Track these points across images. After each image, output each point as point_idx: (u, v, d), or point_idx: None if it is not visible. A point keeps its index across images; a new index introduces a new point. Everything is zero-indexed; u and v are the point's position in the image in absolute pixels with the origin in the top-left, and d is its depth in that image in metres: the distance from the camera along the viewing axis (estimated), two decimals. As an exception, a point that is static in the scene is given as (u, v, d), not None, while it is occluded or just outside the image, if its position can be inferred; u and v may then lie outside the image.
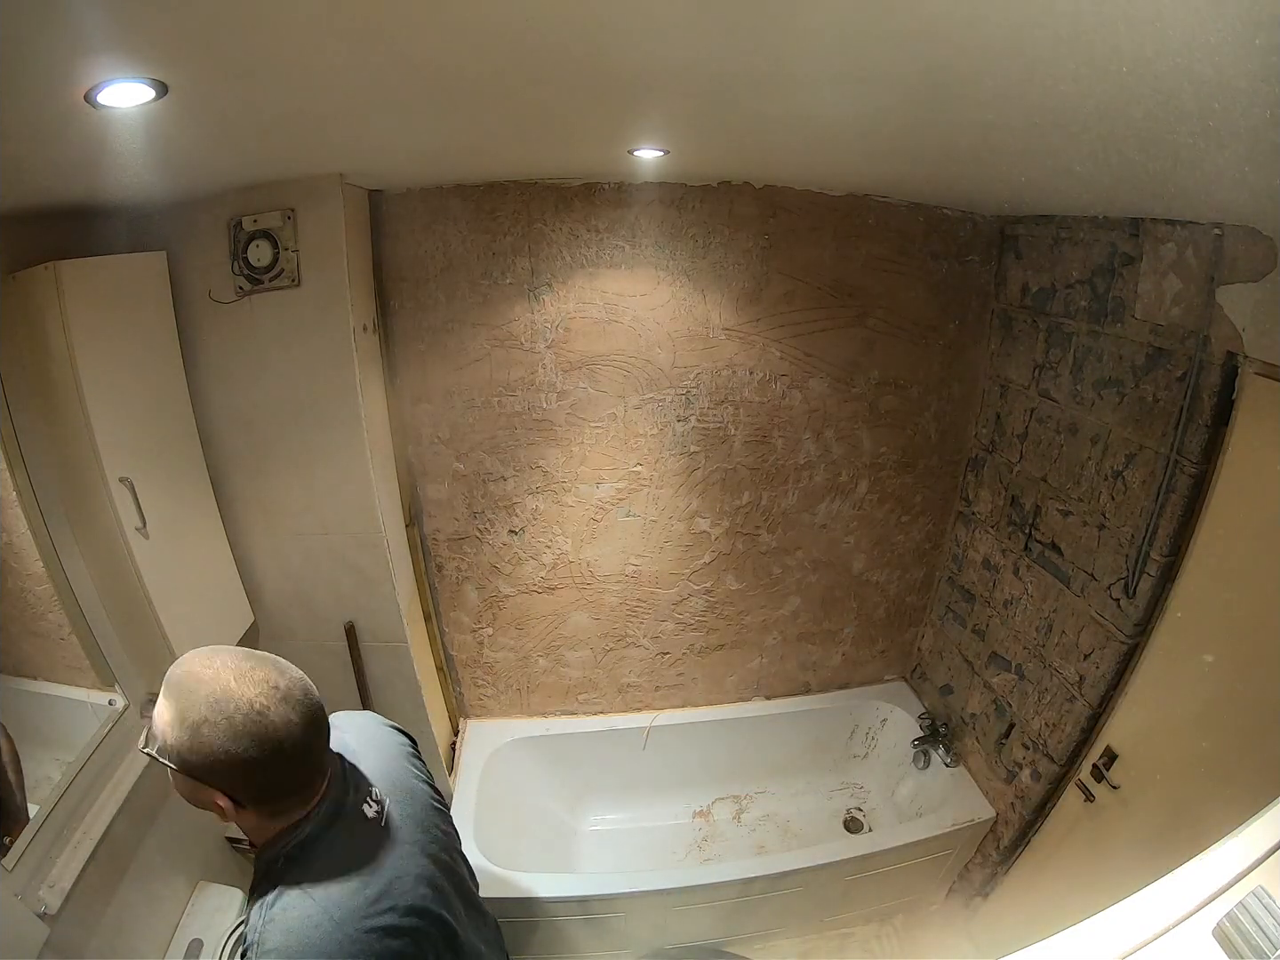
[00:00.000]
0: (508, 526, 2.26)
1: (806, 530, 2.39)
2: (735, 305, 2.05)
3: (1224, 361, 1.38)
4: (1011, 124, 1.09)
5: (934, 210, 2.03)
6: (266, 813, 0.87)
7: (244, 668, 0.82)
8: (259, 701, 0.80)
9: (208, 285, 1.65)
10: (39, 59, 0.73)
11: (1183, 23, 0.65)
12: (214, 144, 1.24)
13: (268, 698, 0.81)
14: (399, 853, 0.94)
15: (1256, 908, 0.56)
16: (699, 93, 1.10)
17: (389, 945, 0.87)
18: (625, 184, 1.89)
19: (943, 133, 1.24)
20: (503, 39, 0.85)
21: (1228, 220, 1.32)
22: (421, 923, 0.92)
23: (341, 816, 0.90)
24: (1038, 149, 1.22)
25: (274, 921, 0.81)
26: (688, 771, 2.65)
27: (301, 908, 0.83)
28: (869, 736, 2.71)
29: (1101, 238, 1.67)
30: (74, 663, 1.53)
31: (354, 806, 0.92)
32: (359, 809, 0.93)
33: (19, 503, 1.36)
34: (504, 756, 2.46)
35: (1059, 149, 1.19)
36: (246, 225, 1.61)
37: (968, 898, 2.32)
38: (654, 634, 2.49)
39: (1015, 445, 2.08)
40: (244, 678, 0.81)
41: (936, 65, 0.89)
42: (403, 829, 0.97)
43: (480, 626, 2.43)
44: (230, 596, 1.88)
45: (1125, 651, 1.66)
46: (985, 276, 2.13)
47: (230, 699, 0.79)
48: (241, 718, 0.78)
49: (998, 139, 1.21)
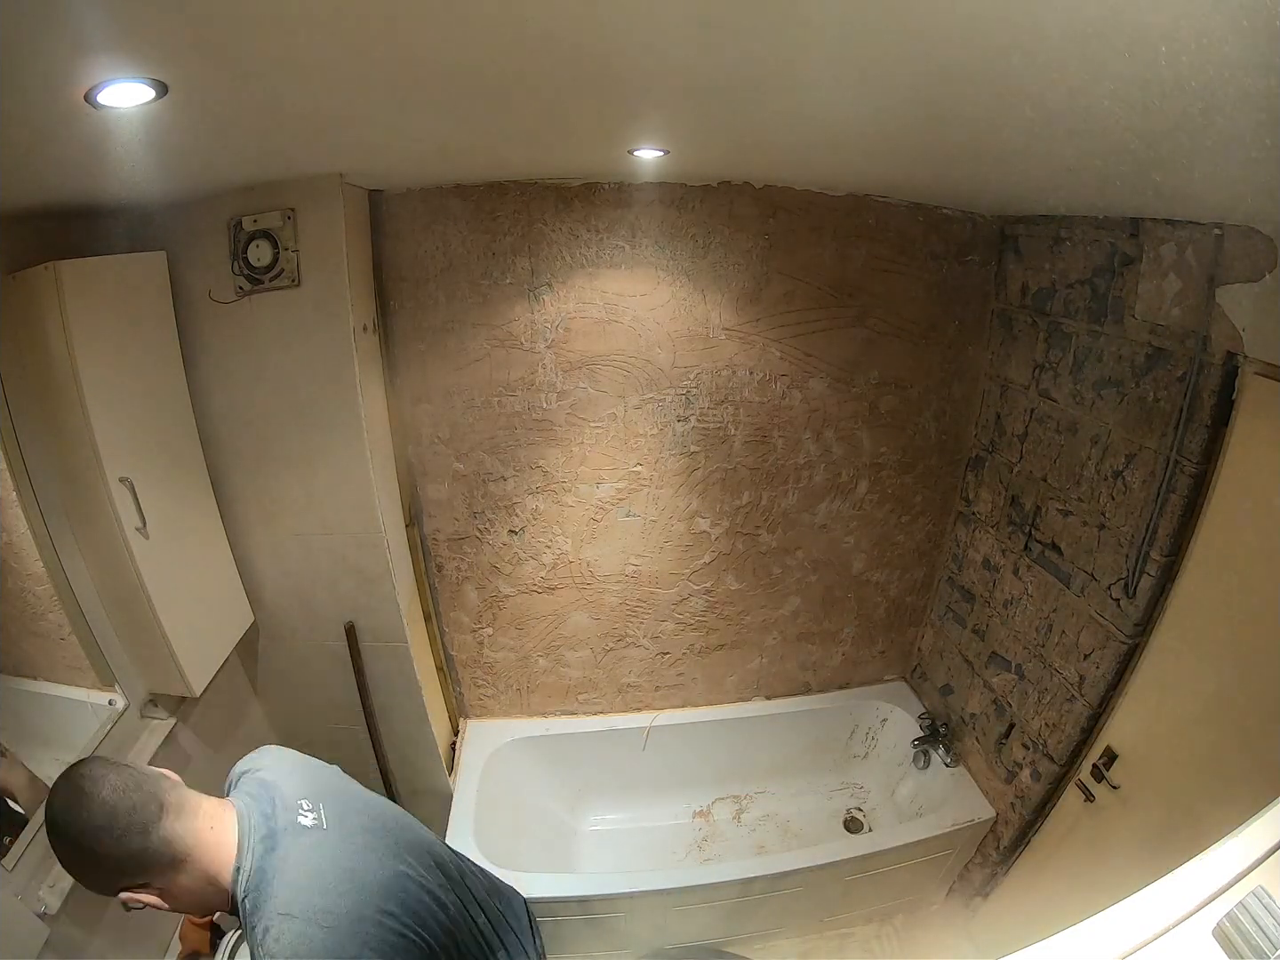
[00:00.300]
0: (508, 526, 2.26)
1: (806, 530, 2.39)
2: (735, 305, 2.05)
3: (1224, 361, 1.38)
4: (1011, 124, 1.09)
5: (934, 210, 2.03)
6: (183, 884, 0.88)
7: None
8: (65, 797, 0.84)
9: (208, 285, 1.65)
10: (39, 59, 0.73)
11: (1183, 22, 0.65)
12: (214, 144, 1.24)
13: (69, 792, 0.84)
14: (354, 844, 0.96)
15: (1256, 908, 0.56)
16: (699, 93, 1.10)
17: (384, 932, 0.88)
18: (625, 184, 1.89)
19: (943, 133, 1.24)
20: (503, 38, 0.85)
21: (1228, 220, 1.32)
22: (406, 899, 0.94)
23: (277, 837, 0.91)
24: (1038, 149, 1.22)
25: (273, 956, 0.82)
26: (688, 771, 2.65)
27: (290, 930, 0.83)
28: (869, 736, 2.71)
29: (1101, 238, 1.67)
30: (74, 663, 1.53)
31: (288, 823, 0.94)
32: (294, 823, 0.94)
33: (19, 503, 1.36)
34: (504, 756, 2.46)
35: (1059, 149, 1.19)
36: (246, 225, 1.61)
37: (968, 898, 2.32)
38: (654, 634, 2.50)
39: (1015, 445, 2.08)
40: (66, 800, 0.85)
41: (936, 66, 0.89)
42: (348, 821, 0.99)
43: (480, 626, 2.43)
44: (230, 596, 1.88)
45: (1125, 651, 1.66)
46: (985, 276, 2.13)
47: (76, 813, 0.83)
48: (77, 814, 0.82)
49: (997, 139, 1.21)
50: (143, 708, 1.66)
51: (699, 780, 2.68)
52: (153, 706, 1.67)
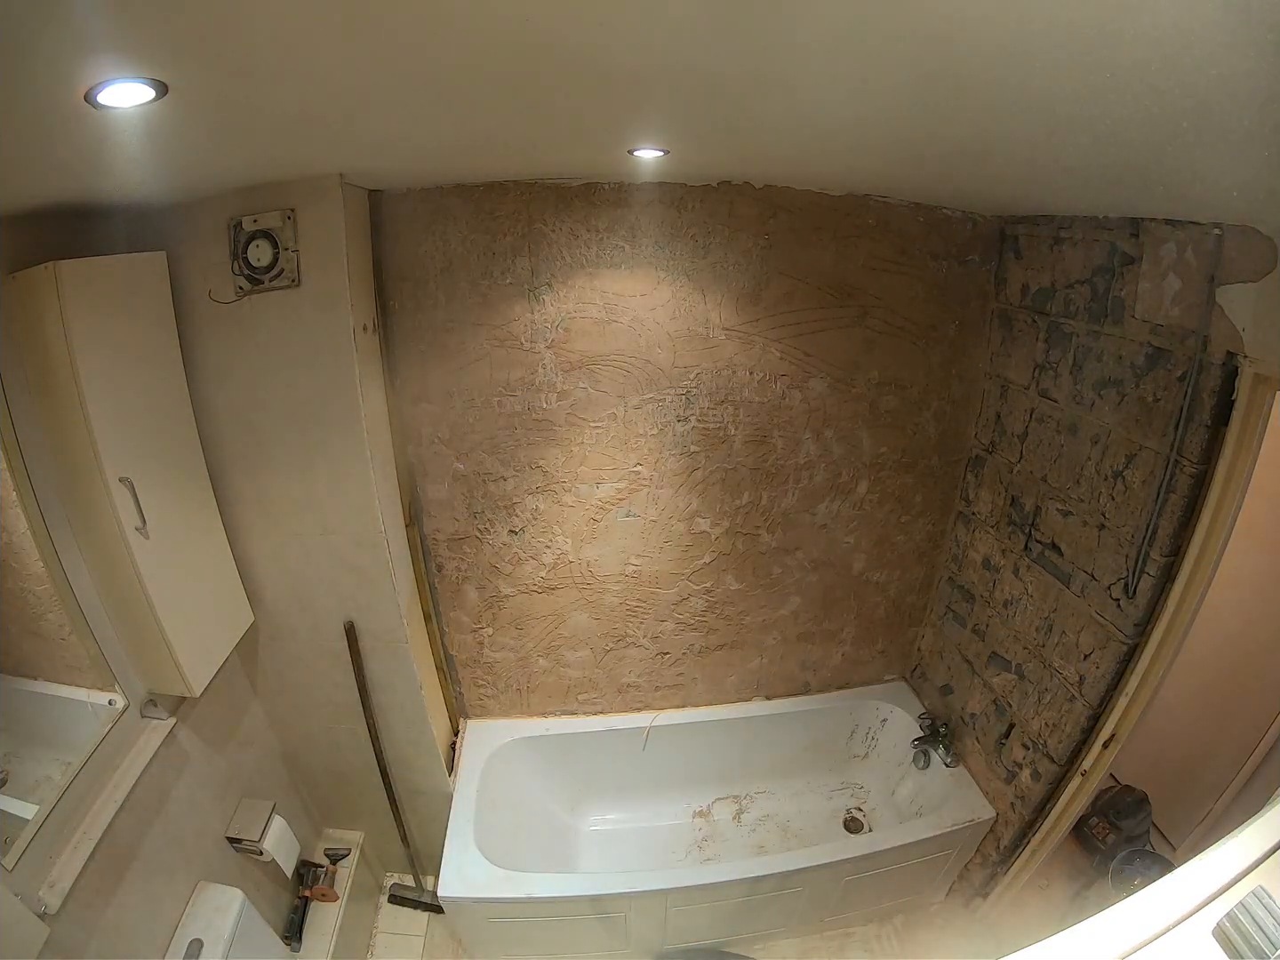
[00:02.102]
0: (508, 526, 2.26)
1: (806, 530, 2.39)
2: (735, 305, 2.05)
3: (1224, 361, 1.38)
4: (1012, 124, 1.09)
5: (934, 210, 2.03)
6: None
7: None
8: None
9: (208, 285, 1.65)
10: (39, 59, 0.73)
11: (1184, 24, 0.65)
12: (214, 144, 1.24)
13: None
14: None
15: (1256, 908, 0.56)
16: (699, 93, 1.10)
17: None
18: (625, 184, 1.89)
19: (943, 133, 1.24)
20: (503, 38, 0.85)
21: (1228, 220, 1.32)
22: None
23: None
24: (1038, 149, 1.22)
25: None
26: (688, 771, 2.65)
27: None
28: (869, 736, 2.71)
29: (1101, 238, 1.67)
30: (74, 663, 1.53)
31: None
32: None
33: (19, 503, 1.36)
34: (504, 756, 2.47)
35: (1059, 149, 1.19)
36: (246, 225, 1.61)
37: (968, 898, 2.33)
38: (654, 634, 2.50)
39: (1015, 445, 2.08)
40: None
41: (937, 67, 0.89)
42: None
43: (480, 626, 2.43)
44: (230, 596, 1.88)
45: (1125, 651, 1.67)
46: (985, 276, 2.13)
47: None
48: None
49: (998, 139, 1.21)
50: (143, 708, 1.66)
51: (699, 780, 2.68)
52: (153, 706, 1.67)
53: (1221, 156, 0.99)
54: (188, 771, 1.79)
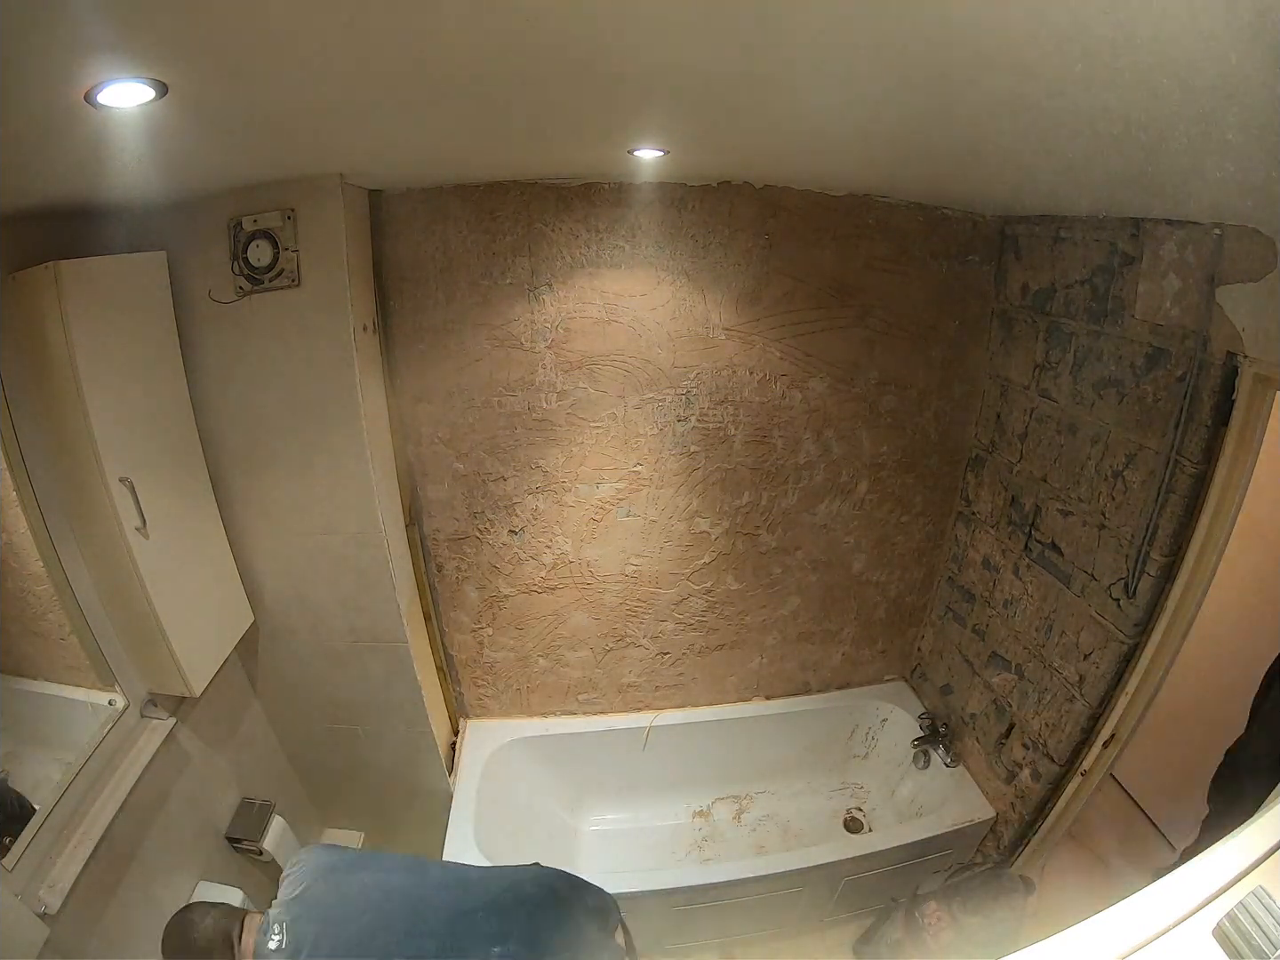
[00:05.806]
0: (508, 526, 2.26)
1: (806, 530, 2.39)
2: (735, 305, 2.05)
3: (1224, 361, 1.38)
4: (1012, 124, 1.09)
5: (934, 210, 2.03)
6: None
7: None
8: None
9: (208, 285, 1.65)
10: (39, 59, 0.73)
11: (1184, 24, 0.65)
12: (214, 144, 1.24)
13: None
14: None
15: (1256, 908, 0.56)
16: (699, 94, 1.10)
17: None
18: (625, 184, 1.89)
19: (943, 133, 1.24)
20: (503, 39, 0.85)
21: (1228, 220, 1.32)
22: None
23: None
24: (1038, 149, 1.22)
25: None
26: (688, 771, 2.65)
27: None
28: (869, 736, 2.71)
29: (1101, 238, 1.67)
30: (74, 663, 1.53)
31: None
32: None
33: (19, 503, 1.36)
34: (504, 756, 2.46)
35: (1059, 149, 1.19)
36: (246, 225, 1.61)
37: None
38: (654, 634, 2.49)
39: (1015, 445, 2.08)
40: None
41: (937, 67, 0.89)
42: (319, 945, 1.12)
43: (480, 626, 2.43)
44: (230, 596, 1.88)
45: (1125, 651, 1.66)
46: (985, 276, 2.13)
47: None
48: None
49: (998, 139, 1.21)
50: (143, 708, 1.66)
51: (699, 780, 2.68)
52: (153, 706, 1.67)
53: (1221, 157, 0.99)
54: (188, 771, 1.80)
